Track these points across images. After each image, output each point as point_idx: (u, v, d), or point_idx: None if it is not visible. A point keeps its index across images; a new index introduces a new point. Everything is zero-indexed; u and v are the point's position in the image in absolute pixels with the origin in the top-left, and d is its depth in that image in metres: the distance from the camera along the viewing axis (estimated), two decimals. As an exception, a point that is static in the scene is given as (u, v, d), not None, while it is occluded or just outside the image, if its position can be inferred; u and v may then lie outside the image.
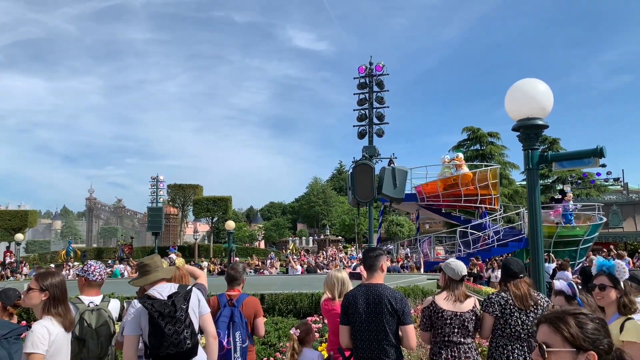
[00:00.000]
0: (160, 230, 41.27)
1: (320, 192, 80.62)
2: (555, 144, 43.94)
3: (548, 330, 1.70)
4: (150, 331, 3.35)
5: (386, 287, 3.86)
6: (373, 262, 3.94)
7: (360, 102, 17.20)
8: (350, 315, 3.80)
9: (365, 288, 3.85)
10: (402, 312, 3.73)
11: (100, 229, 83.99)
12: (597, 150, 4.86)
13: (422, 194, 19.71)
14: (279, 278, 15.50)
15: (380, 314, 3.70)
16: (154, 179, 42.52)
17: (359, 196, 16.01)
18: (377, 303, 3.72)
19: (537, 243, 5.09)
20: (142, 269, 3.81)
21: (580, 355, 1.63)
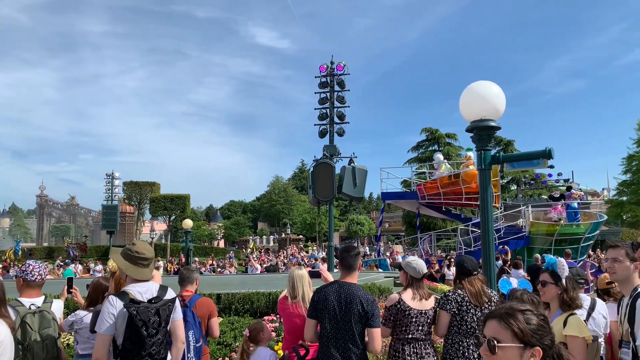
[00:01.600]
0: (115, 228, 40.19)
1: (281, 191, 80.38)
2: (510, 146, 45.34)
3: (498, 325, 1.71)
4: (128, 336, 3.20)
5: (359, 288, 3.84)
6: (353, 261, 3.91)
7: (321, 101, 17.22)
8: (320, 311, 3.75)
9: (339, 286, 3.81)
10: (372, 315, 3.71)
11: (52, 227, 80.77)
12: (545, 151, 5.02)
13: (423, 192, 19.64)
14: (238, 277, 15.34)
15: (350, 313, 3.67)
16: (109, 175, 41.37)
17: (319, 195, 16.06)
18: (349, 302, 3.69)
19: (488, 240, 5.21)
20: (138, 259, 3.41)
21: (527, 351, 1.66)
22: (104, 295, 4.04)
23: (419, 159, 46.66)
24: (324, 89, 17.14)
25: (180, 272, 4.97)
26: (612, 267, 3.37)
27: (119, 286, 3.75)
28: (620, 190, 35.22)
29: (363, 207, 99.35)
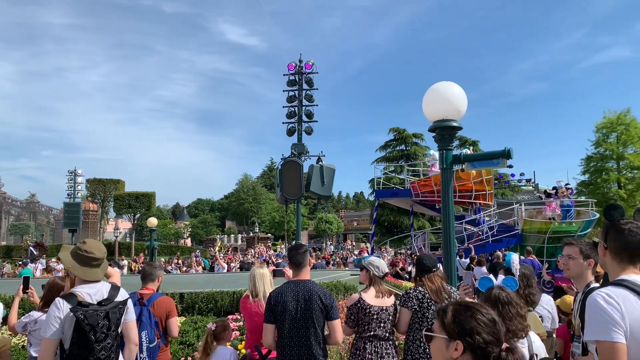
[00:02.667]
0: (77, 226, 39.16)
1: (250, 189, 79.97)
2: (475, 146, 46.28)
3: (437, 317, 1.83)
4: (75, 341, 3.06)
5: (315, 283, 3.85)
6: (302, 259, 3.91)
7: (289, 100, 17.20)
8: (279, 314, 3.72)
9: (294, 285, 3.80)
10: (331, 307, 3.74)
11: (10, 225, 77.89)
12: (505, 152, 5.15)
13: (417, 190, 19.60)
14: (203, 276, 15.17)
15: (311, 310, 3.68)
16: (72, 172, 40.28)
17: (287, 193, 16.04)
18: (308, 299, 3.69)
19: (449, 238, 5.31)
20: (87, 259, 3.27)
21: (452, 343, 1.71)
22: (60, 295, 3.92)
23: (387, 158, 47.21)
24: (293, 87, 17.13)
25: (143, 268, 4.88)
26: (567, 264, 3.47)
27: (74, 286, 3.64)
28: (579, 190, 36.52)
29: (332, 205, 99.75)
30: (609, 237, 2.44)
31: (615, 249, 2.39)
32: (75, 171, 40.60)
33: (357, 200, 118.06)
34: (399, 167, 46.90)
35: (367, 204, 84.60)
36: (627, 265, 2.35)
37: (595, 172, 35.69)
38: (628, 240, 2.34)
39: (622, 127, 34.08)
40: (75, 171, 40.60)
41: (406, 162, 46.95)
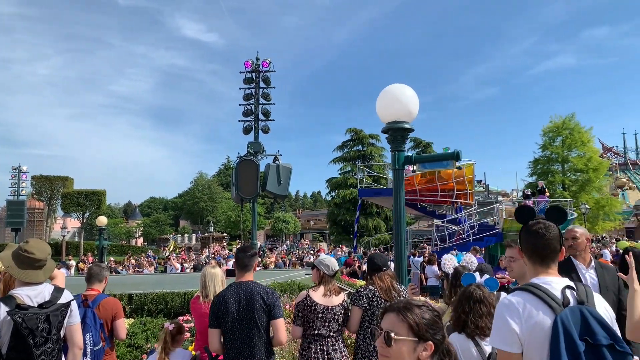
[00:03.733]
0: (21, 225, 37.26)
1: (205, 188, 78.70)
2: (429, 147, 47.34)
3: (395, 318, 1.75)
4: (13, 345, 2.91)
5: (257, 283, 3.82)
6: (248, 261, 3.89)
7: (246, 97, 17.04)
8: (221, 318, 3.67)
9: (236, 287, 3.77)
10: (274, 306, 3.71)
11: (-53, 224, 73.52)
12: (454, 153, 5.28)
13: None
14: (154, 277, 14.79)
15: (253, 310, 3.64)
16: (16, 169, 38.45)
17: (242, 192, 15.88)
18: (249, 300, 3.66)
19: (401, 238, 5.41)
20: (26, 260, 3.13)
21: (420, 345, 1.70)
22: None
23: (344, 158, 47.56)
24: (249, 85, 16.98)
25: (89, 268, 4.71)
26: (509, 265, 3.58)
27: (9, 288, 3.46)
28: (526, 192, 38.03)
29: (289, 205, 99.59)
30: (521, 239, 2.40)
31: (527, 251, 2.35)
32: (19, 167, 38.81)
33: (314, 200, 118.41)
34: (355, 167, 47.40)
35: (324, 203, 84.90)
36: (539, 267, 2.30)
37: (542, 174, 37.21)
38: (535, 242, 2.30)
39: (567, 131, 35.71)
40: (19, 167, 38.81)
41: (363, 162, 47.50)
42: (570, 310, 2.05)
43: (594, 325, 2.02)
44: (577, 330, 2.01)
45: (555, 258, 2.29)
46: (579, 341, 1.97)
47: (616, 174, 55.10)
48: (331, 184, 48.06)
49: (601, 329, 2.01)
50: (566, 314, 2.04)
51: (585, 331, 2.01)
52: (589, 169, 34.72)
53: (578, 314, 2.05)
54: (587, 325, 2.02)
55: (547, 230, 2.27)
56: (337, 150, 48.22)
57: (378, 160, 45.85)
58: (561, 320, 2.01)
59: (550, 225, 2.29)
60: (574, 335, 1.98)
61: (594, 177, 34.75)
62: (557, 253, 2.29)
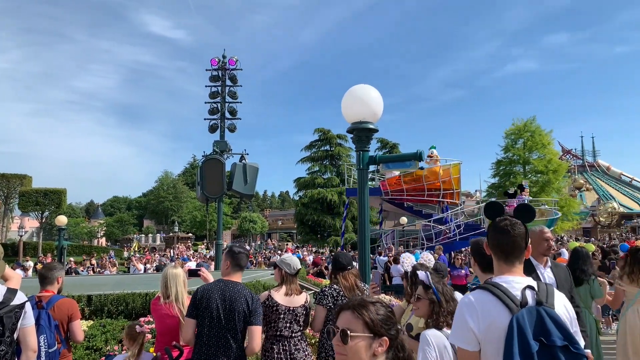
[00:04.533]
0: (-25, 225, 35.87)
1: (170, 187, 77.39)
2: (395, 148, 47.94)
3: (351, 316, 1.77)
4: None
5: (244, 286, 3.77)
6: (245, 262, 3.87)
7: (212, 95, 16.83)
8: (202, 310, 3.61)
9: (224, 284, 3.71)
10: (255, 312, 3.66)
11: None
12: (417, 154, 5.37)
13: (387, 188, 19.48)
14: (116, 278, 14.45)
15: (234, 311, 3.59)
16: (-31, 166, 36.81)
17: (207, 192, 15.67)
18: (234, 300, 3.61)
19: (364, 237, 5.45)
20: None
21: (375, 341, 1.73)
22: None
23: (312, 158, 47.64)
24: (216, 83, 16.78)
25: (39, 271, 4.56)
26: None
27: None
28: (489, 192, 38.96)
29: (257, 204, 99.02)
30: (488, 235, 2.39)
31: (492, 248, 2.34)
32: (-27, 165, 37.20)
33: (282, 200, 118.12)
34: (323, 167, 47.52)
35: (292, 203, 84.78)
36: (503, 265, 2.30)
37: (504, 175, 38.18)
38: (501, 239, 2.28)
39: (528, 133, 36.76)
40: (-27, 165, 37.20)
41: (331, 162, 47.70)
42: (527, 310, 2.07)
43: (549, 325, 2.04)
44: (532, 330, 2.02)
45: (520, 256, 2.28)
46: (533, 342, 1.99)
47: (574, 175, 57.10)
48: (299, 183, 48.07)
49: (556, 330, 2.03)
50: (522, 314, 2.05)
51: (540, 332, 2.03)
52: (549, 170, 35.82)
53: (535, 314, 2.06)
54: (543, 326, 2.04)
55: (512, 228, 2.27)
56: (305, 150, 48.29)
57: (346, 161, 46.13)
58: (516, 321, 2.03)
59: (516, 223, 2.29)
60: (528, 335, 2.00)
61: (553, 178, 35.87)
62: (522, 251, 2.29)
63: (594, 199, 55.75)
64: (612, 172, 61.78)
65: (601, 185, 58.34)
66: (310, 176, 47.27)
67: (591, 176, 60.73)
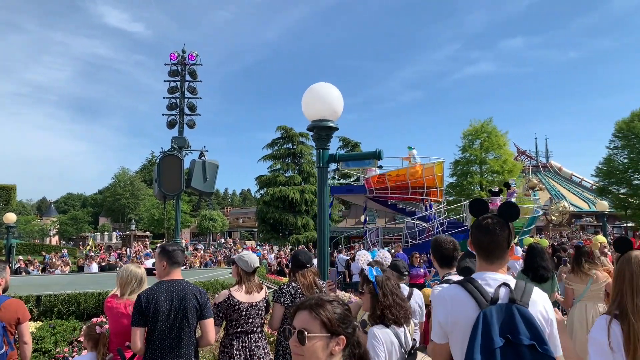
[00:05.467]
0: None
1: (127, 184, 75.42)
2: (357, 147, 48.33)
3: (308, 316, 1.75)
4: None
5: (189, 282, 3.75)
6: (181, 258, 3.81)
7: (171, 90, 16.49)
8: (150, 316, 3.52)
9: (167, 285, 3.64)
10: (205, 306, 3.66)
11: None
12: (376, 153, 5.41)
13: (371, 186, 19.45)
14: (68, 277, 13.94)
15: (185, 309, 3.56)
16: None
17: (165, 189, 15.33)
18: (182, 299, 3.57)
19: (324, 235, 5.45)
20: None
21: (332, 340, 1.72)
22: None
23: (274, 155, 47.41)
24: (175, 78, 16.45)
25: None
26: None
27: None
28: (447, 191, 39.85)
29: (217, 202, 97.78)
30: (471, 233, 2.38)
31: (475, 245, 2.33)
32: None
33: (243, 198, 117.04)
34: (285, 165, 47.37)
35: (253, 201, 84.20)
36: (484, 263, 2.29)
37: (461, 175, 39.18)
38: (483, 237, 2.28)
39: (485, 134, 37.85)
40: None
41: (293, 160, 47.60)
42: (498, 307, 2.06)
43: (519, 324, 2.02)
44: (500, 327, 2.01)
45: (502, 255, 2.26)
46: (497, 338, 1.98)
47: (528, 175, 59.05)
48: (260, 181, 47.72)
49: (526, 329, 2.01)
50: (490, 310, 2.05)
51: (508, 329, 2.01)
52: (504, 170, 36.99)
53: (505, 311, 2.05)
54: (513, 324, 2.02)
55: (495, 226, 2.26)
56: (267, 148, 48.00)
57: (308, 159, 46.16)
58: (483, 316, 2.03)
59: (499, 222, 2.27)
60: (492, 331, 1.99)
61: (508, 178, 36.99)
62: (504, 250, 2.26)
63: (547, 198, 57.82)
64: (563, 172, 64.27)
65: (553, 185, 60.59)
66: (272, 174, 47.02)
67: (544, 176, 62.96)
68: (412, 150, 19.99)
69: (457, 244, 3.82)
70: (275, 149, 47.66)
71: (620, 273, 2.53)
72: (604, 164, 39.41)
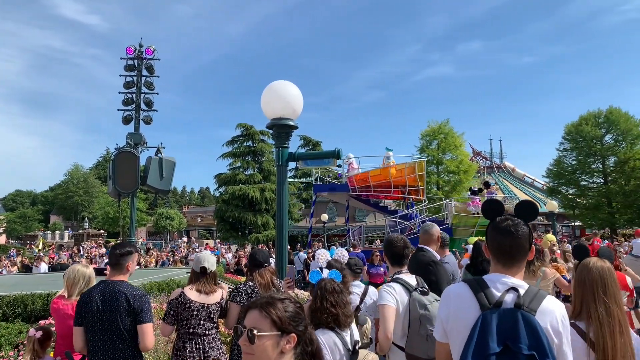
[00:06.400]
0: None
1: (81, 181, 72.97)
2: (318, 146, 48.47)
3: (258, 315, 1.74)
4: None
5: (126, 284, 3.66)
6: (118, 260, 3.72)
7: (126, 85, 16.01)
8: (85, 315, 3.51)
9: (104, 285, 3.61)
10: (140, 310, 3.56)
11: None
12: (335, 152, 5.45)
13: (354, 184, 19.27)
14: (15, 277, 13.32)
15: (115, 311, 3.49)
16: None
17: (120, 186, 14.90)
18: (113, 300, 3.51)
19: (282, 234, 5.45)
20: None
21: (283, 338, 1.72)
22: None
23: (233, 153, 46.90)
24: (131, 72, 15.99)
25: None
26: None
27: None
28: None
29: (175, 200, 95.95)
30: (487, 236, 2.23)
31: (492, 250, 2.19)
32: None
33: (202, 196, 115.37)
34: (245, 163, 46.93)
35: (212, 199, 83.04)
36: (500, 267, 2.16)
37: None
38: (503, 240, 2.13)
39: (442, 135, 38.67)
40: None
41: (253, 158, 47.22)
42: (500, 311, 1.97)
43: (522, 331, 1.91)
44: (500, 333, 1.92)
45: (521, 258, 2.13)
46: (494, 344, 1.89)
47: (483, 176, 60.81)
48: (220, 179, 47.10)
49: (528, 338, 1.89)
50: (491, 314, 1.96)
51: (509, 335, 1.91)
52: (460, 171, 37.94)
53: (510, 316, 1.95)
54: (514, 330, 1.91)
55: (516, 228, 2.12)
56: (227, 146, 47.41)
57: (269, 157, 45.91)
58: (482, 319, 1.96)
59: (519, 223, 2.14)
60: (490, 336, 1.91)
61: (464, 178, 38.04)
62: (525, 253, 2.13)
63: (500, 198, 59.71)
64: (516, 173, 66.46)
65: (507, 186, 62.57)
66: (231, 172, 46.48)
67: (498, 177, 64.89)
68: (389, 152, 20.35)
69: (408, 243, 3.88)
70: (236, 146, 47.15)
71: (580, 280, 2.60)
72: (554, 165, 41.09)
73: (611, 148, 37.83)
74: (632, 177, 35.64)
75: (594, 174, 39.48)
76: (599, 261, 2.63)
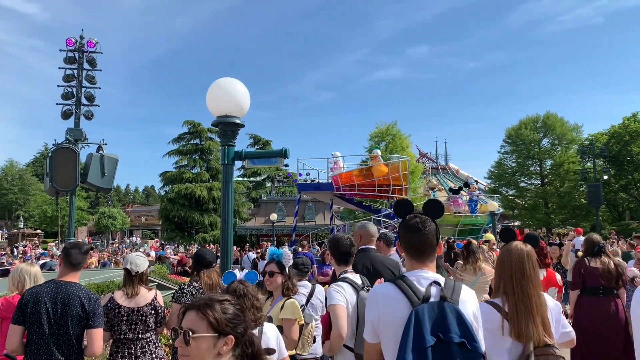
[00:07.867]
0: None
1: (16, 178, 69.01)
2: (268, 145, 48.21)
3: (195, 316, 1.72)
4: None
5: (80, 286, 3.49)
6: (82, 259, 3.56)
7: (66, 79, 15.27)
8: (30, 315, 3.29)
9: (55, 286, 3.40)
10: (94, 314, 3.42)
11: None
12: (282, 151, 5.41)
13: (338, 183, 19.03)
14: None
15: (67, 315, 3.32)
16: None
17: (58, 184, 14.19)
18: (67, 303, 3.33)
19: (227, 234, 5.35)
20: None
21: (221, 340, 1.70)
22: None
23: (180, 151, 45.96)
24: (71, 65, 15.27)
25: None
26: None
27: None
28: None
29: (118, 199, 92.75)
30: (399, 234, 2.36)
31: (404, 247, 2.32)
32: None
33: (147, 195, 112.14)
34: (192, 161, 46.02)
35: (157, 198, 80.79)
36: (414, 262, 2.28)
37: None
38: (412, 237, 2.27)
39: (390, 137, 39.42)
40: None
41: (200, 156, 46.39)
42: (429, 305, 2.05)
43: (450, 321, 2.01)
44: (431, 325, 2.00)
45: (432, 253, 2.27)
46: (429, 337, 1.97)
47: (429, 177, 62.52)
48: (165, 178, 45.97)
49: (457, 327, 2.00)
50: (422, 308, 2.03)
51: (440, 327, 2.00)
52: (407, 171, 38.82)
53: (437, 309, 2.04)
54: (444, 321, 2.01)
55: (423, 225, 2.25)
56: (173, 143, 46.38)
57: (217, 156, 45.22)
58: (415, 314, 2.02)
59: (426, 220, 2.28)
60: (424, 330, 1.98)
61: (410, 179, 38.91)
62: (434, 248, 2.27)
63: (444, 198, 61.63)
64: (460, 174, 68.73)
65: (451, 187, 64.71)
66: (178, 170, 45.48)
67: (443, 178, 66.89)
68: (377, 151, 20.55)
69: (354, 242, 3.91)
70: (182, 144, 46.20)
71: (501, 261, 2.76)
72: (495, 167, 42.86)
73: (548, 151, 39.94)
74: (567, 180, 37.79)
75: (532, 176, 41.53)
76: (520, 244, 2.74)
